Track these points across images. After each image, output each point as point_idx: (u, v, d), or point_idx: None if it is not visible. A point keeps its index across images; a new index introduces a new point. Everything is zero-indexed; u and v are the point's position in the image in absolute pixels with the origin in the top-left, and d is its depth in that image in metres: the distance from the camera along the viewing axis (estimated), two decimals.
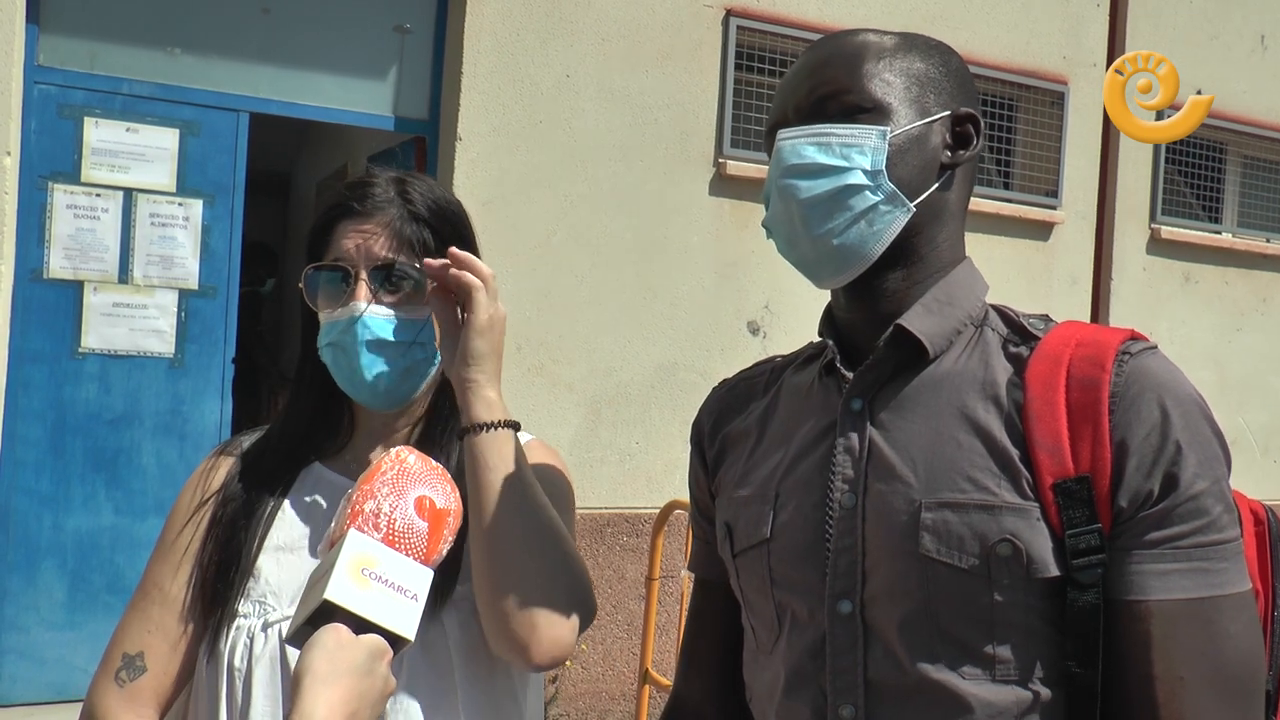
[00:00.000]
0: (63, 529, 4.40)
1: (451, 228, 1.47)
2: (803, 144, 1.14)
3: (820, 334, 1.26)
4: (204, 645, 1.40)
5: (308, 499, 1.46)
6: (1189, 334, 6.31)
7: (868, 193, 1.12)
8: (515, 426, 1.37)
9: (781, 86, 1.22)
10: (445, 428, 1.48)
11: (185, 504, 1.47)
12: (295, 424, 1.50)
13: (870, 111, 1.14)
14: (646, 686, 4.04)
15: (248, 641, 1.36)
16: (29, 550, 4.36)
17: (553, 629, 1.31)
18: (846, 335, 1.22)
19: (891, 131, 1.13)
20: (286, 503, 1.45)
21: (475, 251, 1.49)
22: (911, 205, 1.13)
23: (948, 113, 1.17)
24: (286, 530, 1.43)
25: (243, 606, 1.38)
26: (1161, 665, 1.00)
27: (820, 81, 1.16)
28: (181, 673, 1.40)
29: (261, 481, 1.46)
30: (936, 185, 1.16)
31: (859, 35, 1.19)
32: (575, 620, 1.35)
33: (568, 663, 4.86)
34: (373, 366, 1.39)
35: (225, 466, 1.49)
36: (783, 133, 1.17)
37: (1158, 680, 1.00)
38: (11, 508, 4.31)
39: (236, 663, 1.36)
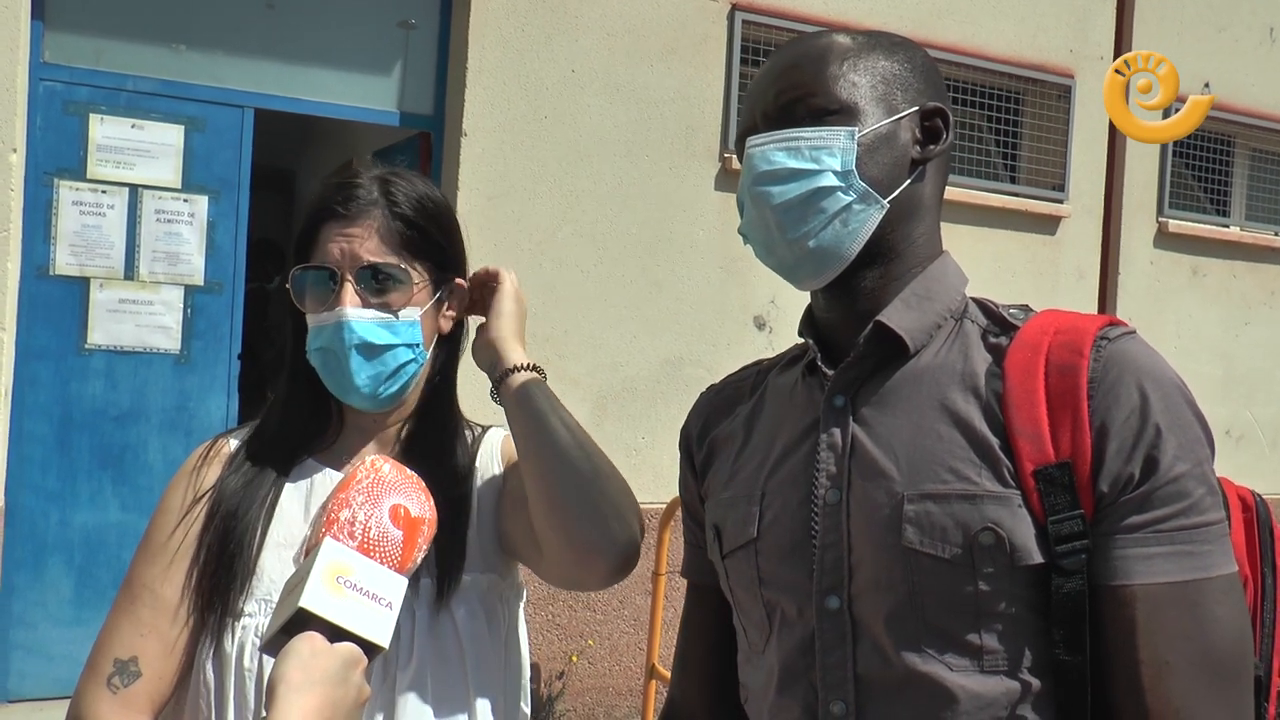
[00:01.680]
0: (69, 525, 4.41)
1: (437, 225, 1.48)
2: (772, 150, 1.15)
3: (800, 335, 1.26)
4: (206, 646, 1.37)
5: (304, 495, 1.45)
6: (1196, 328, 6.29)
7: (840, 194, 1.13)
8: (542, 373, 1.45)
9: (749, 93, 1.23)
10: (435, 425, 1.50)
11: (174, 504, 1.45)
12: (287, 420, 1.49)
13: (837, 113, 1.14)
14: (653, 682, 4.04)
15: (256, 640, 1.34)
16: (36, 547, 4.37)
17: (623, 525, 1.37)
18: (827, 334, 1.23)
19: (860, 131, 1.13)
20: (283, 499, 1.44)
21: (461, 248, 1.53)
22: (884, 202, 1.14)
23: (916, 108, 1.18)
24: (286, 527, 1.42)
25: (248, 605, 1.37)
26: (1147, 650, 1.00)
27: (786, 86, 1.17)
28: (175, 676, 1.38)
29: (256, 479, 1.45)
30: (909, 181, 1.17)
31: (823, 37, 1.20)
32: (636, 521, 1.40)
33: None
34: (361, 370, 1.39)
35: (214, 466, 1.47)
36: (752, 140, 1.17)
37: (1144, 665, 1.00)
38: (18, 504, 4.32)
39: (246, 662, 1.34)
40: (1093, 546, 1.02)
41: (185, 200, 4.53)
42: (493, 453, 1.55)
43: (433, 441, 1.49)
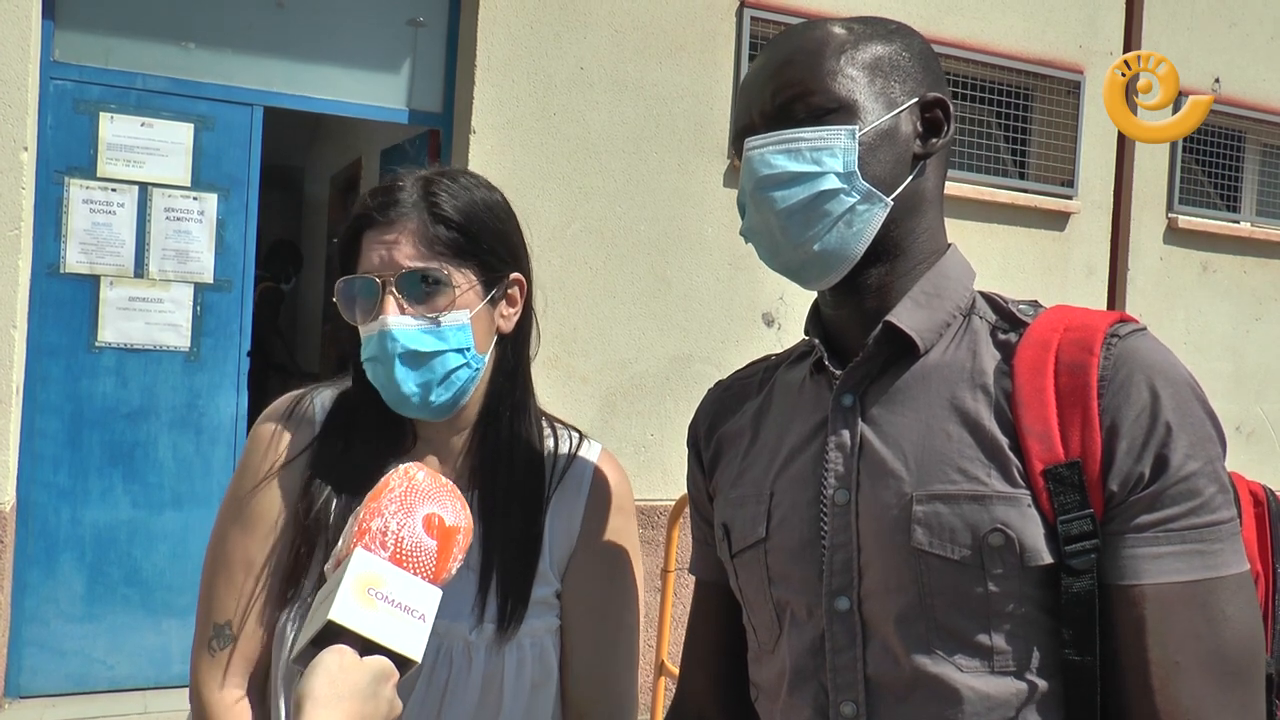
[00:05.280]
0: (81, 522, 4.43)
1: (483, 224, 1.43)
2: (771, 152, 1.12)
3: (806, 333, 1.25)
4: (278, 630, 1.38)
5: None
6: (1207, 324, 6.27)
7: (843, 195, 1.10)
8: None
9: (744, 89, 1.19)
10: (501, 434, 1.47)
11: (255, 466, 1.43)
12: (365, 431, 1.45)
13: (837, 111, 1.11)
14: (662, 678, 4.04)
15: None
16: (48, 543, 4.39)
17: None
18: (834, 332, 1.21)
19: (860, 129, 1.10)
20: None
21: (517, 242, 1.49)
22: (888, 200, 1.12)
23: (915, 100, 1.15)
24: None
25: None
26: (1157, 650, 0.99)
27: (783, 84, 1.13)
28: (264, 642, 1.39)
29: (340, 487, 1.41)
30: (911, 177, 1.14)
31: (817, 29, 1.16)
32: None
33: None
34: (408, 379, 1.36)
35: (298, 429, 1.45)
36: (750, 141, 1.14)
37: (1153, 665, 0.99)
38: (30, 501, 4.34)
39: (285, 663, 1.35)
40: (1103, 546, 1.01)
41: (195, 198, 4.54)
42: (581, 482, 1.52)
43: (503, 455, 1.45)
